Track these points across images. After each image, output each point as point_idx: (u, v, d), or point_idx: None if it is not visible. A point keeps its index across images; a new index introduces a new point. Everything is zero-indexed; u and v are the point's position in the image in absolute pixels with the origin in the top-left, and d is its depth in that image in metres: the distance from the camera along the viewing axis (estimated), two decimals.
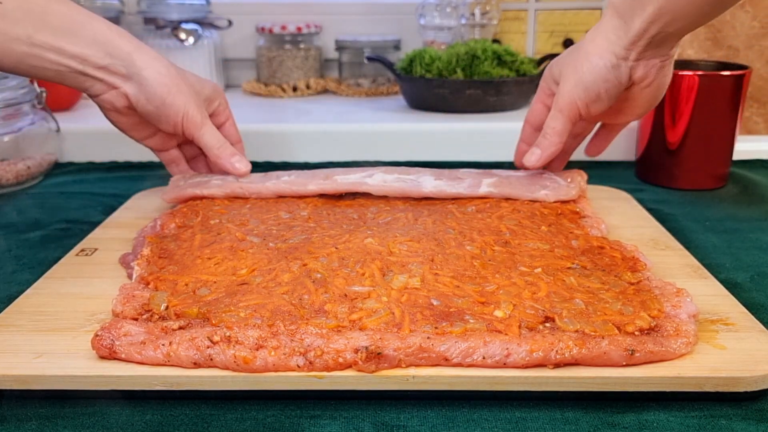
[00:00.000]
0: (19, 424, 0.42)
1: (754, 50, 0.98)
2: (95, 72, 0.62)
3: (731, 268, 0.63)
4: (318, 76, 1.25)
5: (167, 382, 0.43)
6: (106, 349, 0.44)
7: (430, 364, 0.43)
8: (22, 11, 0.58)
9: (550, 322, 0.46)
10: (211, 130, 0.68)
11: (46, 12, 0.59)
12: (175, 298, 0.48)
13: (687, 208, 0.78)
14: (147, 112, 0.65)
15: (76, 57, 0.60)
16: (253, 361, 0.43)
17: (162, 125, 0.67)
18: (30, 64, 0.59)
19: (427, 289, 0.49)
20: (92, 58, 0.61)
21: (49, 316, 0.50)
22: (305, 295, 0.48)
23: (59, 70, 0.60)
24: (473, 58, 1.01)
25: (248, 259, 0.54)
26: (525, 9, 1.17)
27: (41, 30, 0.58)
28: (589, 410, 0.43)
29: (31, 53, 0.58)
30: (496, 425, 0.42)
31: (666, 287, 0.50)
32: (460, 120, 0.99)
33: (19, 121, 0.84)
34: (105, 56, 0.61)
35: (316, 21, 1.23)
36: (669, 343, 0.44)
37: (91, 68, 0.61)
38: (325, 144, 0.96)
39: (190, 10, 1.17)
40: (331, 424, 0.42)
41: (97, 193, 0.84)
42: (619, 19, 0.60)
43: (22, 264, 0.64)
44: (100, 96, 0.64)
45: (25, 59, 0.59)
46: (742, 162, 0.94)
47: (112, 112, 0.66)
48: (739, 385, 0.43)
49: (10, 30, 0.57)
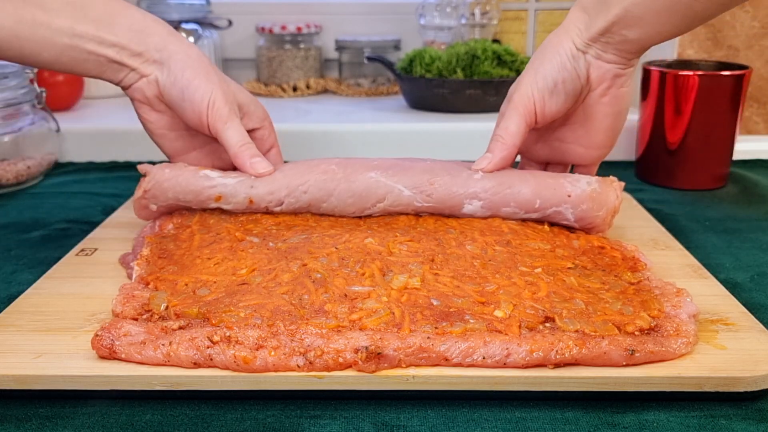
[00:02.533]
0: (19, 424, 0.42)
1: (754, 50, 0.98)
2: (130, 60, 0.61)
3: (731, 268, 0.63)
4: (318, 76, 1.25)
5: (167, 382, 0.43)
6: (106, 349, 0.44)
7: (430, 364, 0.43)
8: (63, 2, 0.58)
9: (550, 322, 0.46)
10: (238, 127, 0.62)
11: (85, 3, 0.59)
12: (174, 298, 0.48)
13: (687, 208, 0.78)
14: (172, 99, 0.62)
15: (114, 46, 0.59)
16: (253, 361, 0.43)
17: (187, 114, 0.62)
18: (70, 56, 0.58)
19: (427, 289, 0.49)
20: (129, 45, 0.60)
21: (49, 316, 0.50)
22: (305, 295, 0.48)
23: (98, 60, 0.60)
24: (473, 58, 1.01)
25: (248, 259, 0.54)
26: (525, 9, 1.17)
27: (81, 21, 0.58)
28: (589, 410, 0.43)
29: (72, 44, 0.58)
30: (496, 425, 0.42)
31: (666, 287, 0.50)
32: (460, 120, 0.99)
33: (19, 121, 0.84)
34: (140, 44, 0.61)
35: (316, 21, 1.23)
36: (669, 343, 0.44)
37: (127, 56, 0.60)
38: (325, 144, 0.96)
39: (190, 10, 1.17)
40: (331, 424, 0.42)
41: (97, 193, 0.84)
42: (583, 13, 0.58)
43: (22, 264, 0.64)
44: (132, 86, 0.62)
45: (66, 51, 0.58)
46: (742, 162, 0.94)
47: (143, 105, 0.63)
48: (739, 385, 0.43)
49: (53, 22, 0.57)
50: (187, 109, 0.62)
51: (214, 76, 0.62)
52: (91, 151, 0.97)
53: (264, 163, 0.62)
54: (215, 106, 0.61)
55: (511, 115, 0.60)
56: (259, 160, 0.62)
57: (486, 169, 0.61)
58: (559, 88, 0.59)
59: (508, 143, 0.60)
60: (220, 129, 0.62)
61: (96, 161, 0.96)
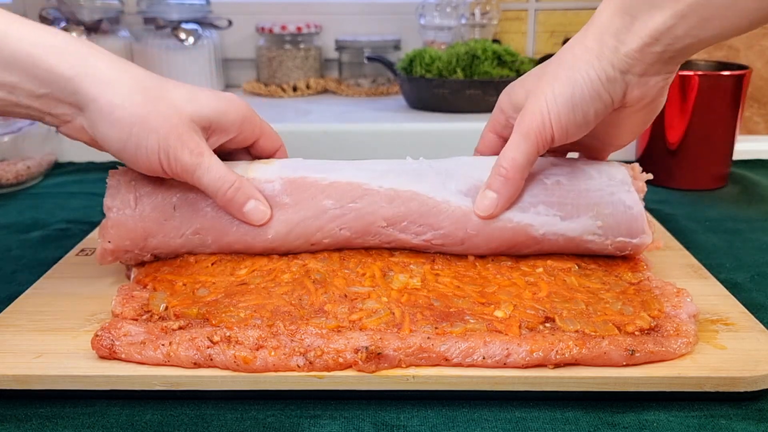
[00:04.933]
0: (19, 424, 0.42)
1: (754, 50, 0.98)
2: (34, 102, 0.46)
3: (731, 268, 0.63)
4: (318, 76, 1.25)
5: (167, 382, 0.43)
6: (106, 349, 0.44)
7: (430, 364, 0.43)
8: None
9: (550, 322, 0.46)
10: (212, 169, 0.49)
11: None
12: (174, 299, 0.48)
13: (687, 208, 0.78)
14: (114, 153, 0.48)
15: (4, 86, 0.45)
16: (253, 361, 0.43)
17: (141, 169, 0.50)
18: None
19: (428, 290, 0.49)
20: (22, 85, 0.45)
21: (49, 316, 0.50)
22: (305, 296, 0.48)
23: None
24: (473, 58, 1.01)
25: (247, 259, 0.54)
26: (525, 9, 1.17)
27: None
28: (589, 410, 0.43)
29: None
30: (496, 425, 0.42)
31: (666, 287, 0.50)
32: (460, 120, 0.99)
33: (19, 121, 0.84)
34: (39, 84, 0.45)
35: (316, 21, 1.23)
36: (669, 343, 0.44)
37: (26, 98, 0.45)
38: (325, 144, 0.96)
39: (190, 10, 1.17)
40: (331, 424, 0.42)
41: (97, 193, 0.83)
42: (621, 17, 0.45)
43: (22, 264, 0.64)
44: (59, 128, 0.49)
45: None
46: (742, 162, 0.94)
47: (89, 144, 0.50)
48: (739, 385, 0.43)
49: None
50: (141, 165, 0.49)
51: (159, 116, 0.47)
52: (91, 151, 0.96)
53: (258, 210, 0.51)
54: (169, 158, 0.48)
55: (518, 143, 0.49)
56: (253, 207, 0.51)
57: (493, 214, 0.51)
58: (589, 119, 0.48)
59: (514, 178, 0.50)
60: (190, 179, 0.50)
61: (96, 161, 0.96)
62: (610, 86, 0.47)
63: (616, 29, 0.46)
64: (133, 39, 1.22)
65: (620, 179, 0.53)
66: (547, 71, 0.49)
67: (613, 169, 0.54)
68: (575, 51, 0.48)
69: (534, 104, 0.48)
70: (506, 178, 0.50)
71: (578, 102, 0.47)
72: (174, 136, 0.48)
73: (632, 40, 0.45)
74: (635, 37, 0.45)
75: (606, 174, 0.54)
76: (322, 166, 0.55)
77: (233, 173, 0.51)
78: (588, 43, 0.47)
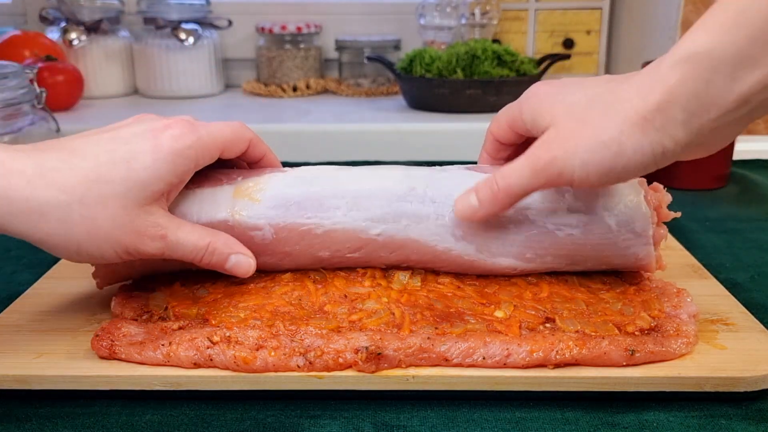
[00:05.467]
0: (19, 424, 0.42)
1: None
2: None
3: (731, 268, 0.63)
4: (318, 76, 1.25)
5: (167, 382, 0.43)
6: (106, 350, 0.44)
7: (430, 365, 0.43)
8: None
9: (550, 322, 0.46)
10: (180, 243, 0.45)
11: None
12: (173, 299, 0.48)
13: (687, 208, 0.78)
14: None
15: None
16: (253, 362, 0.43)
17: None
18: None
19: (428, 290, 0.49)
20: None
21: (49, 316, 0.50)
22: (305, 296, 0.48)
23: None
24: (473, 58, 1.01)
25: None
26: (525, 9, 1.17)
27: None
28: (589, 410, 0.43)
29: None
30: (496, 425, 0.42)
31: (666, 287, 0.50)
32: (460, 120, 0.99)
33: (19, 121, 0.84)
34: None
35: (316, 21, 1.23)
36: (669, 343, 0.44)
37: None
38: (325, 144, 0.96)
39: (190, 10, 1.17)
40: (331, 424, 0.42)
41: None
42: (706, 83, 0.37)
43: (22, 264, 0.64)
44: None
45: None
46: (742, 162, 0.94)
47: None
48: (739, 385, 0.43)
49: None
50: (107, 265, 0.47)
51: (95, 226, 0.42)
52: None
53: (242, 264, 0.47)
54: (131, 253, 0.44)
55: (523, 172, 0.43)
56: (235, 262, 0.47)
57: (467, 217, 0.47)
58: (623, 180, 0.44)
59: (503, 202, 0.45)
60: (166, 254, 0.46)
61: None
62: (664, 160, 0.40)
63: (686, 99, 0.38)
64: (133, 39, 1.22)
65: (640, 230, 0.49)
66: (587, 120, 0.41)
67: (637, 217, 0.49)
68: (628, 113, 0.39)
69: (559, 151, 0.41)
70: (495, 197, 0.45)
71: (616, 174, 0.41)
72: (127, 234, 0.43)
73: (707, 112, 0.38)
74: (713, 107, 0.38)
75: (626, 226, 0.49)
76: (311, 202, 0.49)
77: (206, 235, 0.46)
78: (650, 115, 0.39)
